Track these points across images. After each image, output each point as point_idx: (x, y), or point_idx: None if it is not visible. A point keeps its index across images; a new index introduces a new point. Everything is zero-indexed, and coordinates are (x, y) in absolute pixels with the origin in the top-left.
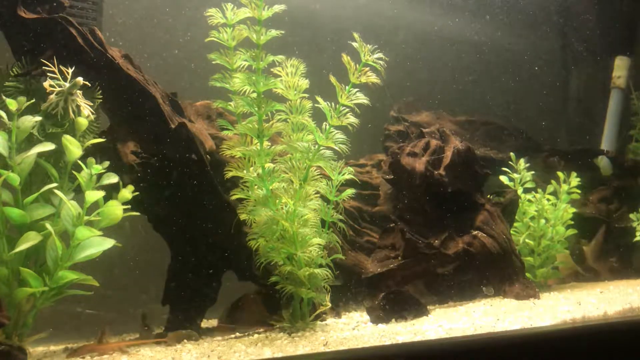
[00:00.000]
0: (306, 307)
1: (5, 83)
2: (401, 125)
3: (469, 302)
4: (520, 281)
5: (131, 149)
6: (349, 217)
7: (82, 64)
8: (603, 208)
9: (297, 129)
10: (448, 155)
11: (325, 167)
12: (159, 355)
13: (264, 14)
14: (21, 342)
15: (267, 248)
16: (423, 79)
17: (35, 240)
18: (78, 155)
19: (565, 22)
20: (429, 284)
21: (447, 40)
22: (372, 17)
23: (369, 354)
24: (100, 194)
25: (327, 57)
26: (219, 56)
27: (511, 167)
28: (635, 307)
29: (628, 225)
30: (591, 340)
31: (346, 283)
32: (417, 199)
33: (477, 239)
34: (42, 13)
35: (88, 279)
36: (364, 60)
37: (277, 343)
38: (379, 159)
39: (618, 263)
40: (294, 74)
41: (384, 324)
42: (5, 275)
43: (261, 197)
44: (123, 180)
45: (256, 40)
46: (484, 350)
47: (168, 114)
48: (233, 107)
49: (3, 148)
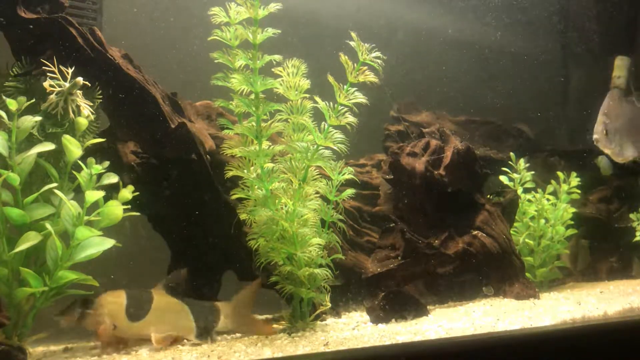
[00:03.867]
0: (306, 307)
1: (5, 83)
2: (401, 125)
3: (469, 302)
4: (520, 281)
5: (131, 149)
6: (349, 217)
7: (82, 64)
8: (603, 208)
9: (298, 129)
10: (448, 155)
11: (325, 167)
12: (159, 355)
13: (260, 13)
14: (21, 342)
15: (267, 248)
16: (423, 78)
17: (35, 240)
18: (78, 155)
19: (565, 22)
20: (429, 284)
21: (447, 41)
22: (372, 16)
23: (369, 354)
24: (100, 194)
25: (326, 56)
26: (221, 55)
27: (511, 167)
28: (635, 307)
29: (628, 225)
30: (591, 340)
31: (346, 283)
32: (417, 199)
33: (477, 239)
34: (42, 13)
35: (88, 279)
36: (362, 60)
37: (277, 343)
38: (379, 159)
39: (618, 263)
40: (295, 74)
41: (384, 324)
42: (5, 275)
43: (261, 197)
44: (123, 180)
45: (252, 39)
46: (484, 350)
47: (168, 113)
48: (234, 107)
49: (3, 148)
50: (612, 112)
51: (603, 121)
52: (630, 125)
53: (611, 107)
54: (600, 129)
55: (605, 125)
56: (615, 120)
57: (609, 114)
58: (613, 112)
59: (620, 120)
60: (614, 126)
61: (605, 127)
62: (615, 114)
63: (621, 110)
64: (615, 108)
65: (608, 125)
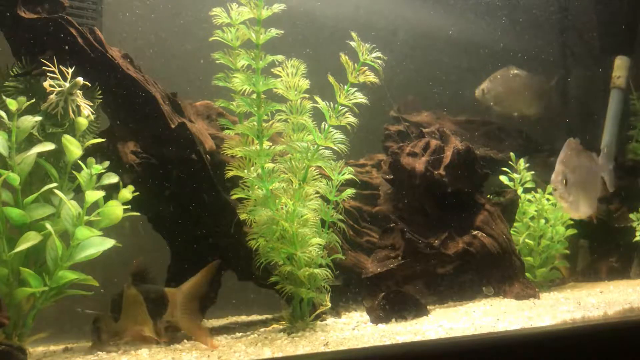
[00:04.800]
0: (306, 307)
1: (5, 83)
2: (401, 125)
3: (469, 302)
4: (520, 281)
5: (131, 149)
6: (349, 217)
7: (82, 64)
8: (603, 208)
9: (298, 129)
10: (448, 155)
11: (325, 167)
12: (159, 355)
13: (263, 13)
14: (21, 342)
15: (267, 248)
16: (423, 78)
17: (35, 240)
18: (78, 155)
19: (565, 22)
20: (429, 284)
21: (447, 40)
22: (373, 16)
23: (369, 354)
24: (100, 194)
25: (326, 56)
26: (222, 56)
27: (511, 167)
28: (635, 307)
29: (628, 225)
30: (591, 340)
31: (346, 283)
32: (417, 198)
33: (477, 239)
34: (42, 13)
35: (88, 279)
36: (362, 60)
37: (277, 343)
38: (379, 159)
39: (618, 263)
40: (295, 74)
41: (384, 324)
42: (5, 275)
43: (261, 197)
44: (123, 180)
45: (255, 40)
46: (484, 350)
47: (168, 113)
48: (235, 107)
49: (3, 148)
50: (570, 163)
51: (562, 171)
52: (586, 180)
53: (569, 157)
54: (559, 179)
55: (564, 175)
56: (572, 172)
57: (567, 163)
58: (571, 163)
59: (577, 173)
60: (571, 178)
61: (564, 177)
62: (573, 166)
63: (578, 163)
64: (573, 159)
65: (567, 175)
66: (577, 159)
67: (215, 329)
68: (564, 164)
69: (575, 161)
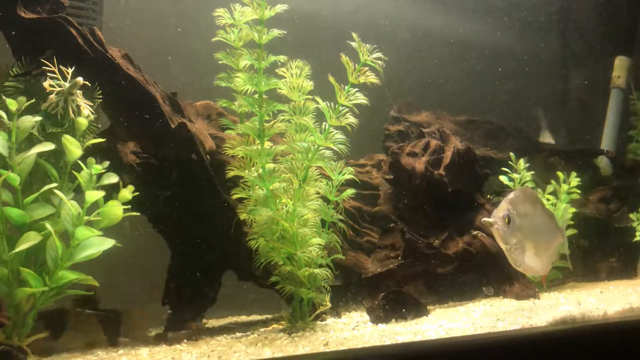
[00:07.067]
0: (306, 307)
1: (5, 83)
2: (401, 125)
3: (469, 302)
4: (520, 281)
5: (131, 149)
6: (349, 217)
7: (82, 64)
8: (603, 208)
9: (300, 130)
10: (448, 155)
11: (325, 167)
12: (159, 355)
13: (266, 13)
14: (21, 342)
15: (267, 248)
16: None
17: (35, 240)
18: (78, 155)
19: (565, 22)
20: (429, 284)
21: (447, 40)
22: (373, 16)
23: (369, 354)
24: (100, 194)
25: (327, 56)
26: (225, 56)
27: (511, 167)
28: (635, 307)
29: (628, 225)
30: (591, 340)
31: (346, 283)
32: (417, 199)
33: (477, 239)
34: (42, 13)
35: (88, 279)
36: (363, 60)
37: (277, 343)
38: (379, 159)
39: (618, 263)
40: (299, 75)
41: (384, 324)
42: (5, 275)
43: (261, 197)
44: (123, 180)
45: (258, 40)
46: (484, 350)
47: (168, 113)
48: (237, 107)
49: (3, 148)
50: (519, 205)
51: (507, 208)
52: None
53: (519, 200)
54: (501, 215)
55: (509, 213)
56: (520, 216)
57: (515, 204)
58: (520, 206)
59: (526, 220)
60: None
61: (508, 216)
62: (521, 211)
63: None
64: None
65: (512, 215)
66: (531, 208)
67: (215, 329)
68: (510, 203)
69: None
